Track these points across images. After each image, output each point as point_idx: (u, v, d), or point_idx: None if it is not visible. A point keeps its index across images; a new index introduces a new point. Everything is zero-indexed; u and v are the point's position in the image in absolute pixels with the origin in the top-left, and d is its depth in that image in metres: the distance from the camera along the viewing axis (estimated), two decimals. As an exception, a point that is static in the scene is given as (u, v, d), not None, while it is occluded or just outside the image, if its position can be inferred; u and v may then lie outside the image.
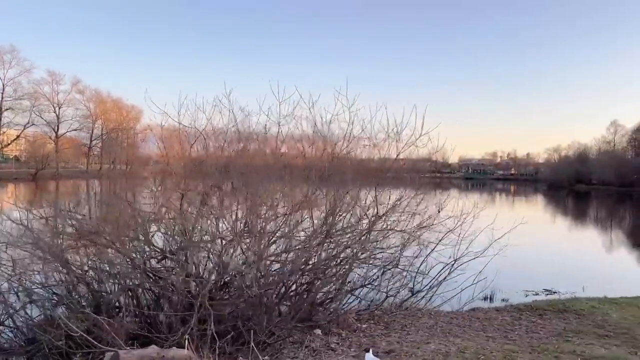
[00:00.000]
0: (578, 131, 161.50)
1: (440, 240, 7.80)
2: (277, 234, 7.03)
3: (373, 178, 7.55)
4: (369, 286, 7.61)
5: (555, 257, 18.58)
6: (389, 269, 7.67)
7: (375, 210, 7.25)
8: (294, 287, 7.01)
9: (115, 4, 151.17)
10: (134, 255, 6.98)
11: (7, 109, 67.46)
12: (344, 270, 7.20)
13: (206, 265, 6.84)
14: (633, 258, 19.42)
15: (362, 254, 7.48)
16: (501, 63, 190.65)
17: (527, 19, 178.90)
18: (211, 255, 6.78)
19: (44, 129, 77.58)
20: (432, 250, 7.82)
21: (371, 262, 7.63)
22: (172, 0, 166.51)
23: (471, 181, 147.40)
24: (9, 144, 69.49)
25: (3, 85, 67.26)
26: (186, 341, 4.43)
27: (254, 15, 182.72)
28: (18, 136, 73.10)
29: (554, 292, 12.69)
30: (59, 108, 78.25)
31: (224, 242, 6.83)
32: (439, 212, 8.02)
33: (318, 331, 6.04)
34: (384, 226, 7.62)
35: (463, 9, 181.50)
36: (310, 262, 7.12)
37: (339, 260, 7.24)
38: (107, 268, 6.87)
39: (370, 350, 4.21)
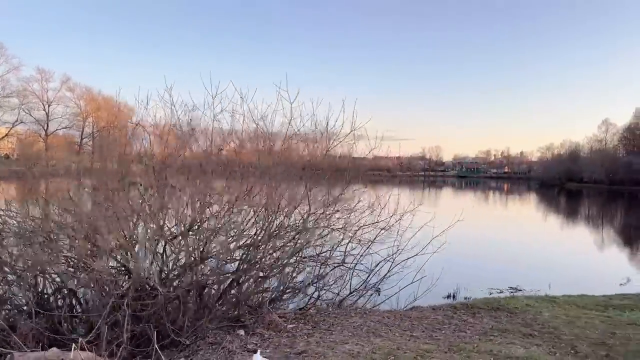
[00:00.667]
0: (573, 130, 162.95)
1: (375, 238, 7.69)
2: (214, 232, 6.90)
3: (310, 174, 7.43)
4: (310, 285, 7.50)
5: (534, 255, 18.62)
6: (331, 268, 7.58)
7: (309, 207, 7.12)
8: (228, 285, 6.90)
9: (110, 3, 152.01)
10: (69, 254, 6.88)
11: (-6, 106, 66.66)
12: (281, 269, 7.09)
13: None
14: (615, 256, 19.36)
15: (302, 252, 7.40)
16: (499, 63, 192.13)
17: (524, 20, 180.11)
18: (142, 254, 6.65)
19: (34, 127, 77.18)
20: (368, 247, 7.71)
21: (311, 260, 7.54)
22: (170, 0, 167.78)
23: (465, 179, 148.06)
24: (-5, 142, 68.63)
25: (-9, 83, 66.51)
26: (76, 343, 4.31)
27: (253, 18, 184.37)
28: (7, 134, 72.54)
29: (519, 290, 12.80)
30: (49, 106, 77.82)
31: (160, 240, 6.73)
32: (380, 208, 7.91)
33: (241, 331, 5.92)
34: (326, 224, 7.51)
35: (458, 11, 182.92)
36: (252, 261, 7.01)
37: (277, 259, 7.14)
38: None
39: (258, 352, 4.11)
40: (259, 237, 7.00)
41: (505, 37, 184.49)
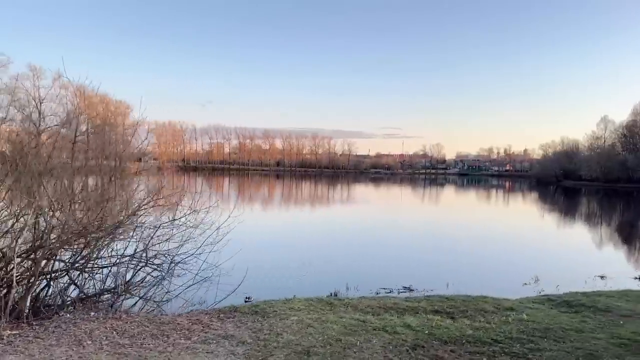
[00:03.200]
0: (575, 127, 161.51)
1: (125, 233, 7.23)
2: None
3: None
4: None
5: (447, 253, 17.98)
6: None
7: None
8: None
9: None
10: None
11: (-18, 104, 66.01)
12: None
13: None
14: (546, 254, 18.58)
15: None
16: (502, 61, 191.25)
17: (526, 20, 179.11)
18: None
19: (25, 124, 77.29)
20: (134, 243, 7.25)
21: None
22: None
23: (466, 177, 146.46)
24: (-17, 140, 68.42)
25: (-22, 80, 65.90)
26: None
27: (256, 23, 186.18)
28: (-5, 131, 72.84)
29: (411, 290, 12.42)
30: (41, 103, 77.96)
31: None
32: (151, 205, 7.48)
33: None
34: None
35: (460, 11, 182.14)
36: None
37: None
38: None
39: None
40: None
41: (508, 36, 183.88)
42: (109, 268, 7.43)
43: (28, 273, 6.57)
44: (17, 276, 6.50)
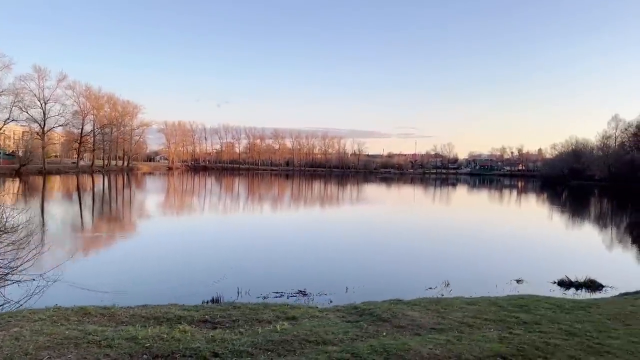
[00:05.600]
0: (589, 126, 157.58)
1: None
2: None
3: None
4: None
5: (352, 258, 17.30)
6: None
7: None
8: None
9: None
10: None
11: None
12: None
13: None
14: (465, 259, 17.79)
15: None
16: (517, 60, 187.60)
17: (540, 16, 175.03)
18: None
19: (32, 124, 78.67)
20: None
21: None
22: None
23: (478, 177, 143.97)
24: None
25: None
26: None
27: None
28: (-1, 131, 73.80)
29: (305, 294, 12.14)
30: (45, 103, 79.04)
31: None
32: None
33: None
34: None
35: (472, 9, 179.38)
36: None
37: None
38: None
39: None
40: None
41: (523, 35, 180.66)
42: None
43: None
44: None
